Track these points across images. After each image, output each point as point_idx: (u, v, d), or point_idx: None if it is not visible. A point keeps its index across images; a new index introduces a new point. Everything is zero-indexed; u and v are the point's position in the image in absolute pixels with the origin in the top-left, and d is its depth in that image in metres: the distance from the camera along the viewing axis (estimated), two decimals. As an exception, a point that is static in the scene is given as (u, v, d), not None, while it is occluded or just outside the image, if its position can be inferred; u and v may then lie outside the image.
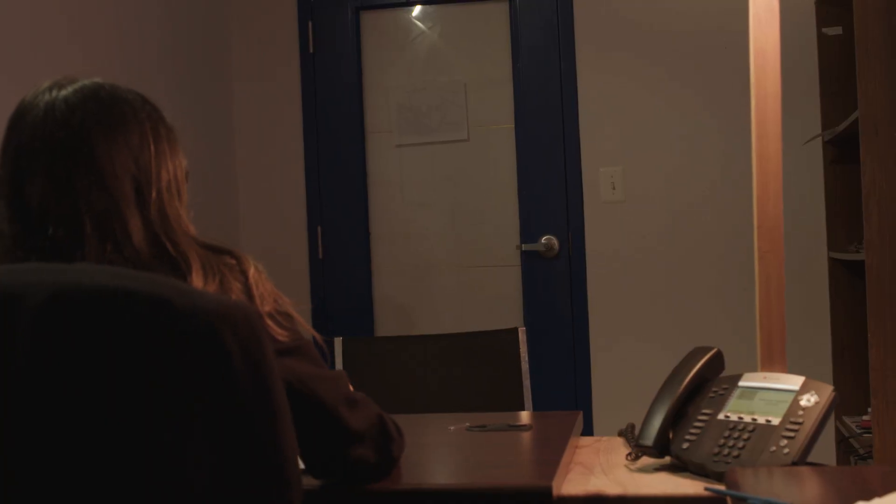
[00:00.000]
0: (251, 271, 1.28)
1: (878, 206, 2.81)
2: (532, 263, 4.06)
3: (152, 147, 1.27)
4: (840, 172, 3.66)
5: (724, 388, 1.61)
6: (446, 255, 4.17)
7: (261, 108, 4.30)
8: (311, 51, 4.24)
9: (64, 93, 1.25)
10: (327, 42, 4.23)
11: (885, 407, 2.82)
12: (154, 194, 1.26)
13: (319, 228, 4.21)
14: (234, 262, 1.28)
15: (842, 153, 3.64)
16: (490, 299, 4.13)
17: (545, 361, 3.98)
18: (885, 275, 2.81)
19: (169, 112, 1.37)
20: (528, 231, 4.07)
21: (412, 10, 4.22)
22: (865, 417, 3.25)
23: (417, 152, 4.20)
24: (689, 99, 3.95)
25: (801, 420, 1.48)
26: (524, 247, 4.07)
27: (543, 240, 4.01)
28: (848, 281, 3.65)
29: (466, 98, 4.16)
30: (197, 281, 1.20)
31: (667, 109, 3.96)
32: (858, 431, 3.24)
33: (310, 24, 4.24)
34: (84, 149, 1.21)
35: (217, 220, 4.06)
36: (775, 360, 1.63)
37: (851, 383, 3.58)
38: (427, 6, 4.21)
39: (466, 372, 2.62)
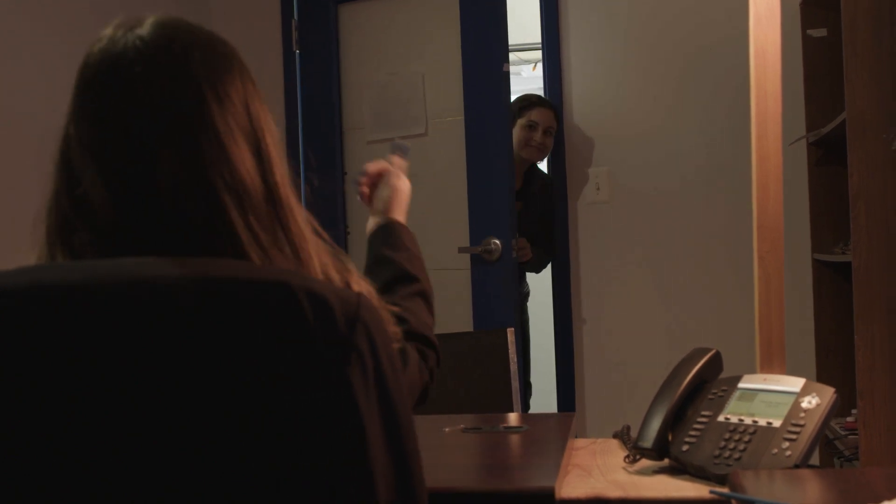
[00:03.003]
0: (354, 276, 1.16)
1: (866, 208, 2.82)
2: (479, 266, 3.85)
3: (257, 99, 1.06)
4: (825, 174, 3.66)
5: (724, 390, 1.60)
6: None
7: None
8: (295, 49, 4.20)
9: (140, 32, 1.01)
10: (309, 40, 4.18)
11: (873, 409, 2.82)
12: (275, 169, 1.04)
13: (303, 228, 4.17)
14: (340, 264, 1.14)
15: (827, 155, 3.65)
16: (447, 300, 4.01)
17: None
18: (872, 276, 2.82)
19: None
20: (475, 233, 3.85)
21: (382, 0, 4.10)
22: (849, 419, 3.25)
23: (385, 148, 4.03)
24: (678, 97, 3.95)
25: (802, 422, 1.47)
26: (469, 249, 3.82)
27: (492, 243, 3.74)
28: (832, 282, 3.65)
29: (424, 90, 3.97)
30: None
31: (655, 107, 3.96)
32: (843, 433, 3.25)
33: (293, 21, 4.20)
34: (201, 104, 0.99)
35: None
36: (775, 362, 1.62)
37: (835, 385, 3.57)
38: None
39: (454, 373, 2.59)
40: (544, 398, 4.06)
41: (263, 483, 0.86)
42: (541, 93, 4.16)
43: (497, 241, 3.76)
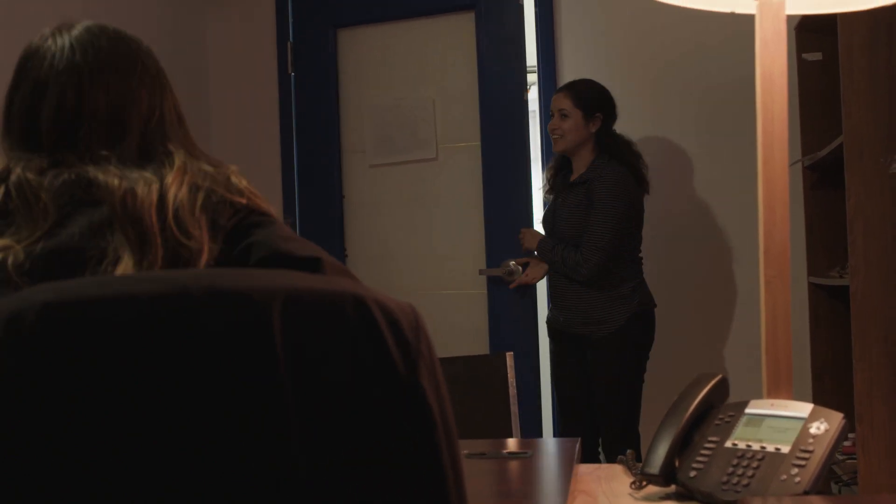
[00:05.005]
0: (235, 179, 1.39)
1: (864, 231, 2.82)
2: (498, 287, 3.96)
3: (153, 81, 1.44)
4: (820, 198, 3.66)
5: (731, 416, 1.59)
6: (419, 279, 4.09)
7: (239, 130, 4.25)
8: (290, 72, 4.20)
9: (75, 32, 1.39)
10: (306, 62, 4.19)
11: (871, 432, 2.81)
12: (157, 114, 1.42)
13: (296, 250, 4.16)
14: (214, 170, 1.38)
15: (822, 178, 3.66)
16: (462, 323, 4.07)
17: (522, 388, 3.93)
18: (869, 300, 2.81)
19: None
20: (493, 256, 3.96)
21: (387, 26, 4.15)
22: (847, 443, 3.24)
23: (389, 172, 4.13)
24: (671, 113, 3.96)
25: (811, 448, 1.46)
26: (488, 272, 3.94)
27: (511, 265, 3.82)
28: (828, 306, 3.65)
29: (435, 115, 4.06)
30: (173, 185, 1.31)
31: (645, 128, 3.96)
32: (840, 457, 3.23)
33: (289, 44, 4.20)
34: (95, 78, 1.36)
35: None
36: (782, 387, 1.61)
37: (832, 409, 3.57)
38: (400, 22, 4.12)
39: (452, 397, 2.57)
40: (539, 421, 4.03)
41: (343, 497, 0.88)
42: (536, 117, 4.16)
43: (515, 263, 3.83)
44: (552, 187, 3.69)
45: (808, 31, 3.62)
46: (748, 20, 1.78)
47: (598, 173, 3.50)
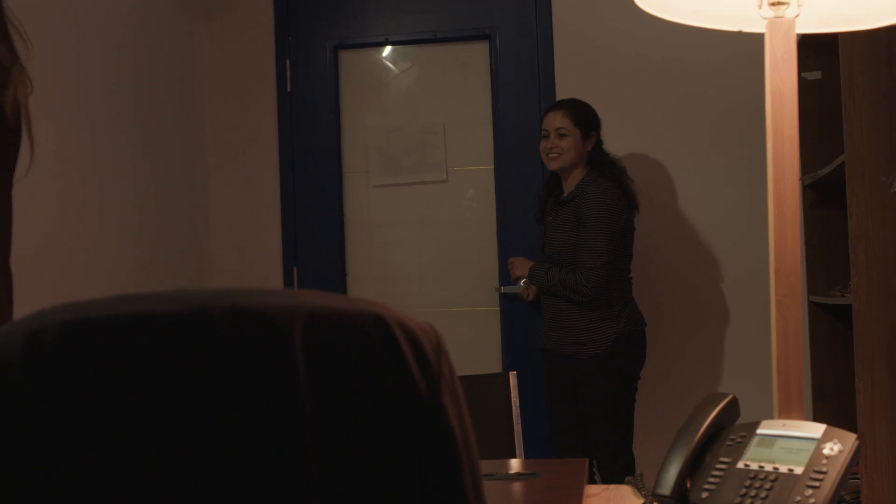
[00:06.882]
0: None
1: (865, 250, 2.82)
2: (512, 306, 4.02)
3: None
4: (820, 216, 3.66)
5: (742, 436, 1.58)
6: (424, 297, 4.12)
7: (236, 147, 4.24)
8: (289, 89, 4.20)
9: None
10: (305, 81, 4.20)
11: (874, 452, 2.80)
12: None
13: (295, 269, 4.15)
14: None
15: (822, 197, 3.66)
16: (469, 342, 4.08)
17: (527, 407, 3.92)
18: (872, 319, 2.81)
19: (143, 148, 1.34)
20: (508, 274, 4.01)
21: (391, 50, 4.21)
22: (849, 462, 3.23)
23: (394, 193, 4.16)
24: (675, 137, 3.96)
25: (825, 469, 1.45)
26: (503, 289, 4.02)
27: (523, 282, 3.83)
28: (828, 325, 3.64)
29: (445, 139, 4.14)
30: None
31: (652, 150, 3.97)
32: (843, 477, 3.22)
33: (287, 62, 4.20)
34: None
35: (190, 258, 3.99)
36: (793, 408, 1.60)
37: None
38: (406, 46, 4.20)
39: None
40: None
41: None
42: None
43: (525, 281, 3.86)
44: (543, 210, 3.70)
45: (808, 49, 3.63)
46: (752, 39, 1.78)
47: (586, 190, 3.50)
